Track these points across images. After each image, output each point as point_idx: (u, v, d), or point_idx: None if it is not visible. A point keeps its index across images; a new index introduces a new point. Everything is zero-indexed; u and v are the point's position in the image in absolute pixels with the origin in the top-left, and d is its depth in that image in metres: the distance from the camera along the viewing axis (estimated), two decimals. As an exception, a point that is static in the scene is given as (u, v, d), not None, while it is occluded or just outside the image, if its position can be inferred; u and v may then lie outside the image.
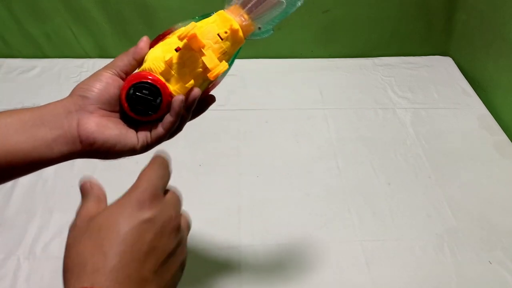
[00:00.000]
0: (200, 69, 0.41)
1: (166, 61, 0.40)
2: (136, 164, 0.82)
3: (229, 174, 0.80)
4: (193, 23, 0.40)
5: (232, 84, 1.02)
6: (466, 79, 1.08)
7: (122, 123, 0.41)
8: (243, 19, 0.44)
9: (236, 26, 0.43)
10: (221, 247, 0.69)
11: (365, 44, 1.15)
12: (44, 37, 1.05)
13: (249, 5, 0.44)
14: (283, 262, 0.67)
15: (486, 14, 1.02)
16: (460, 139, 0.91)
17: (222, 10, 0.44)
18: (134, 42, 1.06)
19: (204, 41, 0.41)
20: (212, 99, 0.46)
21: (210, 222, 0.72)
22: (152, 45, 0.44)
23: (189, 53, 0.41)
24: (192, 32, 0.39)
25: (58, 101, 0.40)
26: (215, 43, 0.42)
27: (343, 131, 0.91)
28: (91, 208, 0.33)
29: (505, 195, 0.79)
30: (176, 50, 0.41)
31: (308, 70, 1.09)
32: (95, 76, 0.42)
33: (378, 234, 0.72)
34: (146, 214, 0.30)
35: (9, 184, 0.76)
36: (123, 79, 0.42)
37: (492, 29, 0.99)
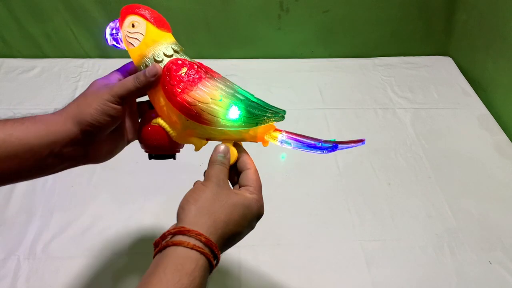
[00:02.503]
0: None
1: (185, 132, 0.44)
2: (136, 164, 0.82)
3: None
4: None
5: (232, 84, 1.02)
6: (466, 79, 1.08)
7: (118, 137, 0.46)
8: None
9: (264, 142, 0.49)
10: (221, 247, 0.69)
11: (365, 44, 1.15)
12: (44, 37, 1.05)
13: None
14: (283, 262, 0.67)
15: (486, 14, 1.02)
16: (460, 139, 0.91)
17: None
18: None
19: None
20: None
21: (210, 222, 0.72)
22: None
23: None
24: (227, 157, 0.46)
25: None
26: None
27: (343, 131, 0.91)
28: (223, 177, 0.43)
29: (505, 195, 0.79)
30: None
31: (308, 70, 1.09)
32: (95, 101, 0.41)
33: (378, 234, 0.72)
34: (255, 211, 0.44)
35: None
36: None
37: (492, 29, 0.99)
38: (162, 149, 0.45)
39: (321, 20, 1.08)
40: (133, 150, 0.76)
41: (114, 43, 0.45)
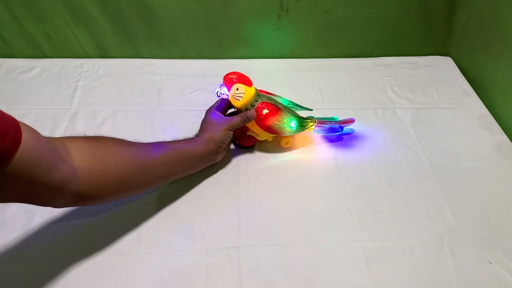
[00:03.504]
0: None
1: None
2: (136, 164, 0.78)
3: (229, 174, 0.80)
4: None
5: (232, 84, 1.02)
6: (466, 79, 1.08)
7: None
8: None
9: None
10: (221, 247, 0.69)
11: (365, 44, 1.15)
12: (44, 37, 1.05)
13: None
14: (283, 262, 0.67)
15: (486, 14, 1.02)
16: (460, 139, 0.91)
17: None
18: (134, 42, 1.09)
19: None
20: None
21: (210, 222, 0.72)
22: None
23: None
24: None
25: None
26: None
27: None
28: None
29: (505, 195, 0.79)
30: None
31: (308, 70, 1.09)
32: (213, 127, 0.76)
33: (378, 234, 0.72)
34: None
35: (9, 184, 0.76)
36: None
37: (492, 29, 0.99)
38: (252, 143, 0.85)
39: (321, 20, 1.08)
40: (133, 150, 0.75)
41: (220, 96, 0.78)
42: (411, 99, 1.01)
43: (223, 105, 0.79)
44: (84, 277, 0.64)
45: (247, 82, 0.76)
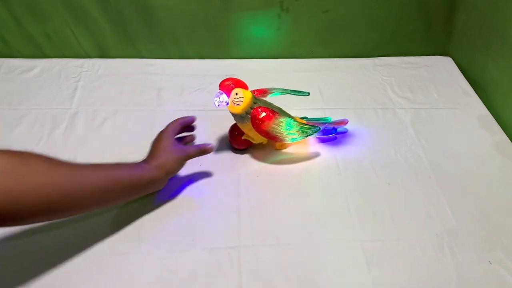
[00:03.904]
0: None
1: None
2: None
3: (229, 174, 0.80)
4: None
5: (232, 84, 1.02)
6: (466, 79, 1.08)
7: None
8: None
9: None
10: (221, 247, 0.69)
11: (365, 44, 1.15)
12: (44, 37, 1.05)
13: None
14: (283, 262, 0.67)
15: (486, 14, 1.02)
16: (460, 139, 0.91)
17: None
18: (134, 42, 1.09)
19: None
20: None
21: (210, 222, 0.72)
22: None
23: None
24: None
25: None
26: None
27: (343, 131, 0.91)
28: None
29: (505, 195, 0.79)
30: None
31: (308, 70, 1.09)
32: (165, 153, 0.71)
33: (378, 234, 0.72)
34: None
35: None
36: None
37: (492, 29, 0.99)
38: (246, 146, 0.84)
39: (321, 20, 1.08)
40: (133, 151, 0.76)
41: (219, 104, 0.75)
42: (411, 99, 1.01)
43: (178, 129, 0.75)
44: (84, 277, 0.64)
45: (243, 86, 0.75)
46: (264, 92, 0.81)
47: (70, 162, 0.56)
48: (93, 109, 0.93)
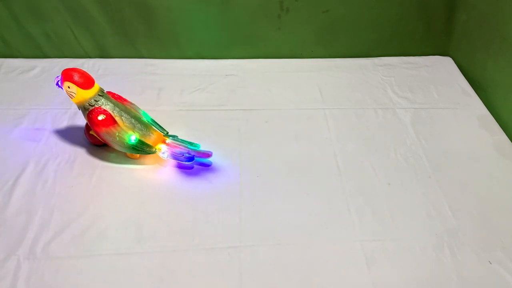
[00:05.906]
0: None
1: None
2: (136, 164, 0.82)
3: (229, 174, 0.80)
4: None
5: (232, 84, 1.02)
6: (466, 79, 1.08)
7: None
8: None
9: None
10: (221, 247, 0.69)
11: (365, 44, 1.15)
12: (44, 37, 1.05)
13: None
14: (283, 262, 0.67)
15: (486, 14, 1.02)
16: (460, 139, 0.91)
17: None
18: (134, 42, 1.09)
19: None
20: None
21: (210, 222, 0.72)
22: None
23: None
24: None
25: None
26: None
27: (343, 131, 0.91)
28: None
29: (505, 195, 0.79)
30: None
31: (308, 70, 1.09)
32: None
33: (378, 234, 0.72)
34: None
35: (9, 184, 0.76)
36: None
37: (492, 29, 0.99)
38: (97, 142, 0.83)
39: (321, 20, 1.08)
40: (133, 150, 0.75)
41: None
42: (411, 99, 1.01)
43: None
44: (85, 277, 0.64)
45: (83, 85, 0.74)
46: (126, 101, 0.82)
47: None
48: (93, 109, 0.93)
